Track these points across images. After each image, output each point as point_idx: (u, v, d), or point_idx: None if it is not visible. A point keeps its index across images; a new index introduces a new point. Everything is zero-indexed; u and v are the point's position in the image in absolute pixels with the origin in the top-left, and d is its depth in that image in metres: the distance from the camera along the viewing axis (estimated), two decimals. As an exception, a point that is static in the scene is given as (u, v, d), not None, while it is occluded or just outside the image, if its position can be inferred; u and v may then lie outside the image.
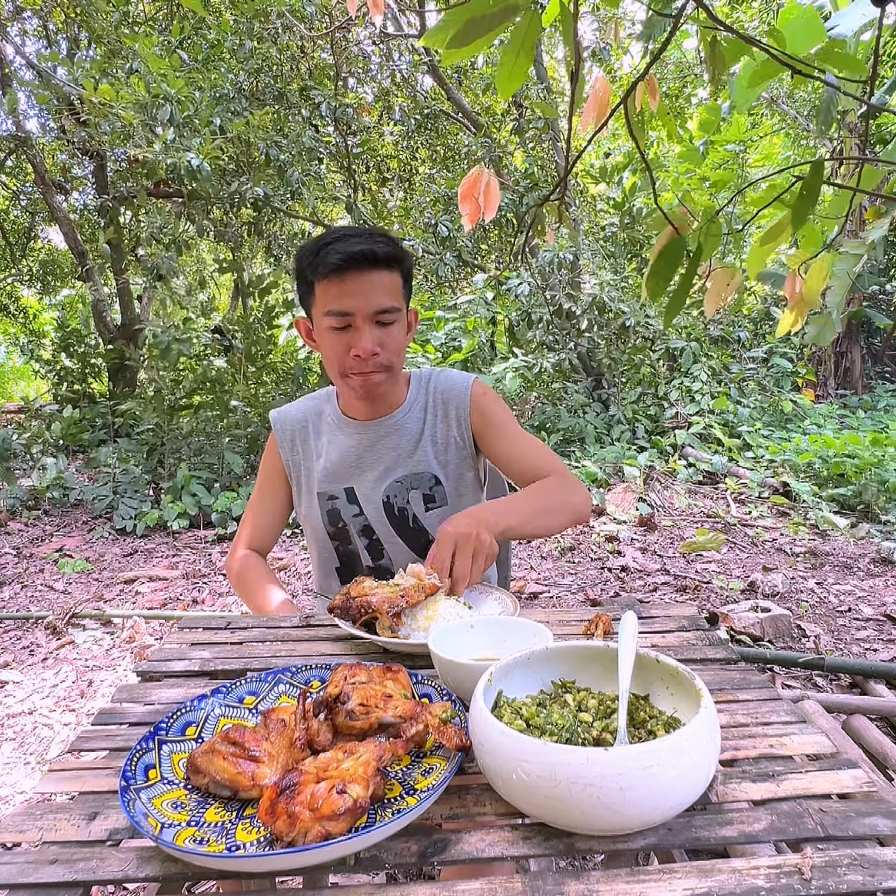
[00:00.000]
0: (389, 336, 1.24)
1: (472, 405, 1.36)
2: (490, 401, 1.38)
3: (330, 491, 1.38)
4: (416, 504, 1.36)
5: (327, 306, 1.20)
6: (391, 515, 1.36)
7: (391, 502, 1.36)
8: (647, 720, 0.69)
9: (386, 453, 1.36)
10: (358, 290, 1.19)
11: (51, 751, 2.22)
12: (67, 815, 0.65)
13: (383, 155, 8.25)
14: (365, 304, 1.19)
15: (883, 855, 0.56)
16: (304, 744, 0.69)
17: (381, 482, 1.36)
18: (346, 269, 1.17)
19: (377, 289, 1.20)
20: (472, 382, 1.39)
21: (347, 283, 1.18)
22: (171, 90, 4.43)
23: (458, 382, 1.39)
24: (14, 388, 12.45)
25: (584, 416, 6.30)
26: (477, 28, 0.99)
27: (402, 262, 1.24)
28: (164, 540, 4.60)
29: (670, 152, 8.46)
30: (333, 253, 1.17)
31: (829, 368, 8.37)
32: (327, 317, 1.21)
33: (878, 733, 1.93)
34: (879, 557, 3.70)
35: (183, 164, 4.28)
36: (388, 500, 1.36)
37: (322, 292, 1.21)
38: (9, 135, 6.40)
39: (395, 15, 6.82)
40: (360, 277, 1.18)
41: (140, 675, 0.94)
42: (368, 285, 1.19)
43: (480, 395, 1.37)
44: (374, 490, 1.36)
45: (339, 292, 1.19)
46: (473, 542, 1.02)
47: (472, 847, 0.59)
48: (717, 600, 3.16)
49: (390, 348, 1.25)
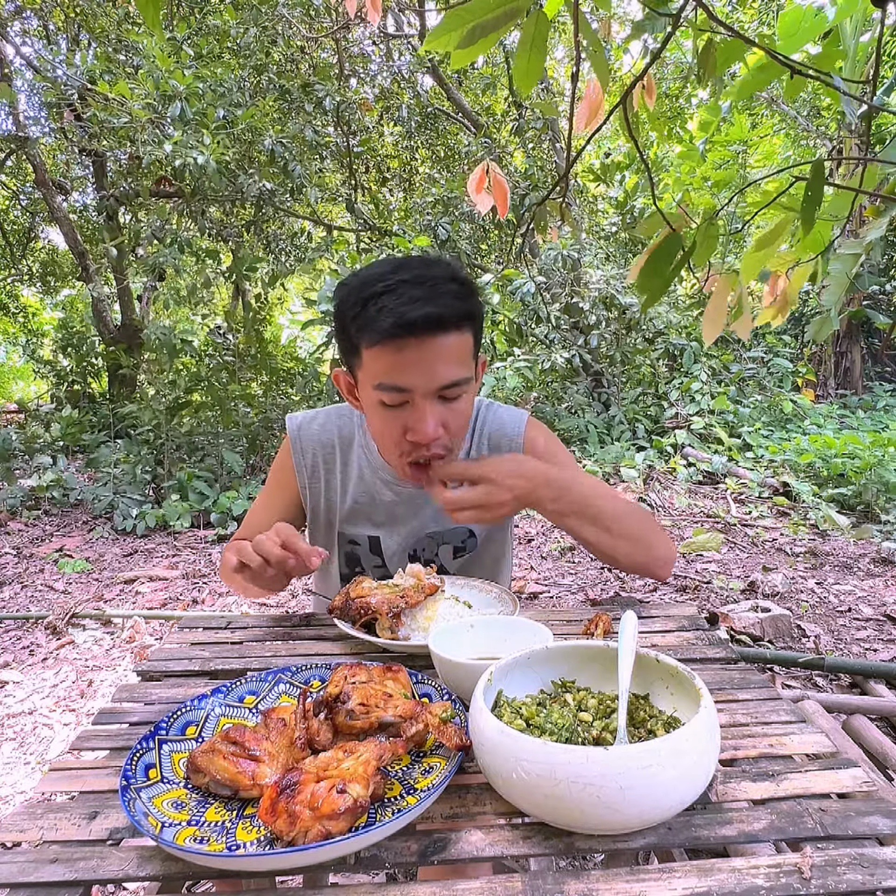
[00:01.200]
0: (456, 412, 1.00)
1: (525, 452, 1.19)
2: (546, 442, 1.21)
3: (352, 536, 1.24)
4: (445, 556, 1.23)
5: (378, 378, 0.96)
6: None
7: (418, 555, 1.23)
8: (647, 720, 0.69)
9: (423, 508, 1.20)
10: (420, 362, 0.93)
11: (51, 751, 2.22)
12: (68, 814, 0.65)
13: (383, 155, 8.25)
14: (428, 379, 0.94)
15: (882, 854, 0.56)
16: (305, 743, 0.69)
17: (412, 537, 1.22)
18: (402, 336, 0.92)
19: (445, 359, 0.95)
20: (524, 426, 1.21)
21: (406, 353, 0.93)
22: (179, 86, 4.43)
23: (509, 426, 1.20)
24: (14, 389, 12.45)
25: (584, 416, 6.31)
26: (481, 31, 0.99)
27: (475, 318, 0.99)
28: (164, 540, 4.60)
29: (670, 152, 8.46)
30: (386, 314, 0.91)
31: (829, 368, 8.37)
32: (378, 391, 0.97)
33: (878, 733, 1.93)
34: (879, 557, 3.70)
35: (189, 162, 4.27)
36: (415, 553, 1.23)
37: (371, 360, 0.96)
38: (9, 135, 6.40)
39: (395, 15, 6.82)
40: (422, 346, 0.92)
41: (140, 674, 0.94)
42: (432, 356, 0.93)
43: (535, 438, 1.20)
44: (402, 545, 1.23)
45: (394, 365, 0.94)
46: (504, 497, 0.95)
47: (473, 846, 0.59)
48: (717, 600, 3.16)
49: (455, 427, 1.01)
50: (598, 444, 6.05)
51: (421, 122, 7.21)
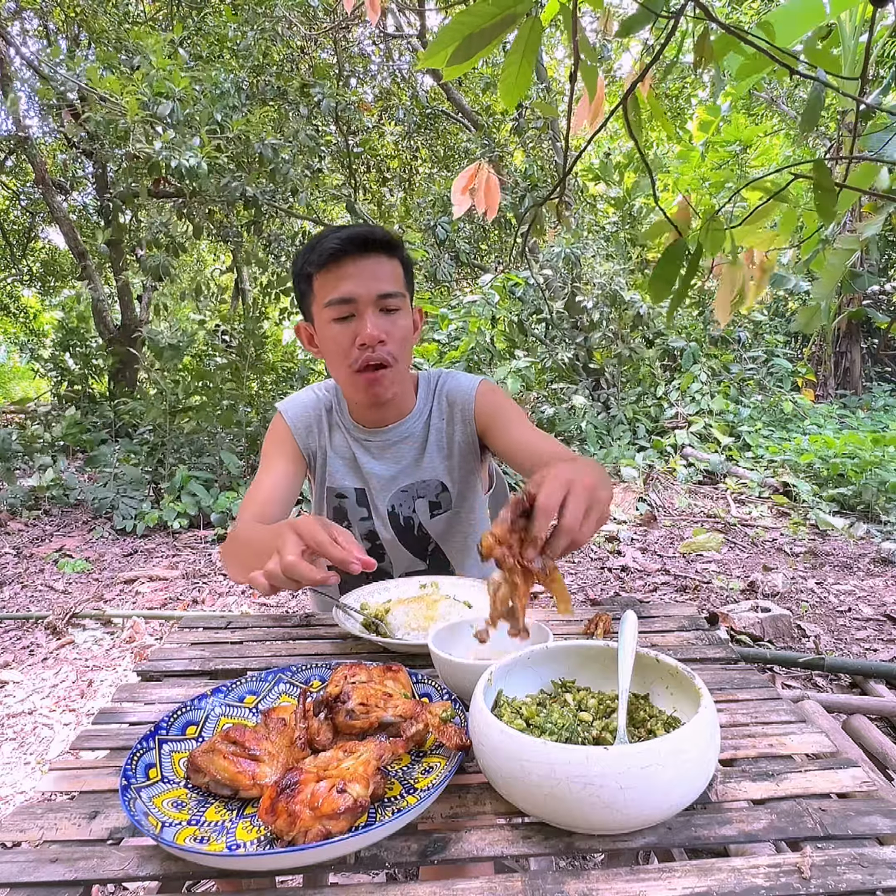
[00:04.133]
0: (395, 325, 1.18)
1: (477, 403, 1.30)
2: (497, 396, 1.31)
3: (339, 488, 1.34)
4: (422, 512, 1.32)
5: (328, 296, 1.16)
6: (396, 525, 1.33)
7: (396, 512, 1.32)
8: (647, 719, 0.69)
9: (393, 462, 1.32)
10: (358, 274, 1.14)
11: (51, 751, 2.22)
12: (68, 814, 0.65)
13: (383, 155, 8.25)
14: (366, 288, 1.15)
15: (882, 854, 0.56)
16: (305, 743, 0.69)
17: (387, 491, 1.32)
18: (343, 254, 1.14)
19: (378, 273, 1.16)
20: (478, 382, 1.33)
21: (346, 267, 1.14)
22: (175, 87, 4.43)
23: (465, 384, 1.34)
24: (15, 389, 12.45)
25: (584, 416, 6.30)
26: (478, 41, 0.99)
27: (400, 249, 1.21)
28: (164, 540, 4.60)
29: (669, 152, 8.47)
30: (329, 242, 1.15)
31: (829, 368, 8.36)
32: (328, 308, 1.17)
33: (878, 733, 1.93)
34: (879, 557, 3.70)
35: (181, 162, 4.27)
36: (394, 509, 1.32)
37: (321, 285, 1.17)
38: (9, 135, 6.40)
39: (394, 15, 6.82)
40: (358, 262, 1.15)
41: (140, 674, 0.94)
42: (368, 270, 1.15)
43: (487, 392, 1.32)
44: (380, 499, 1.32)
45: (338, 279, 1.15)
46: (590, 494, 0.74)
47: (473, 846, 0.59)
48: (717, 600, 3.16)
49: (396, 338, 1.19)
50: (598, 445, 6.05)
51: (421, 122, 7.21)
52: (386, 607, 1.06)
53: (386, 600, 1.10)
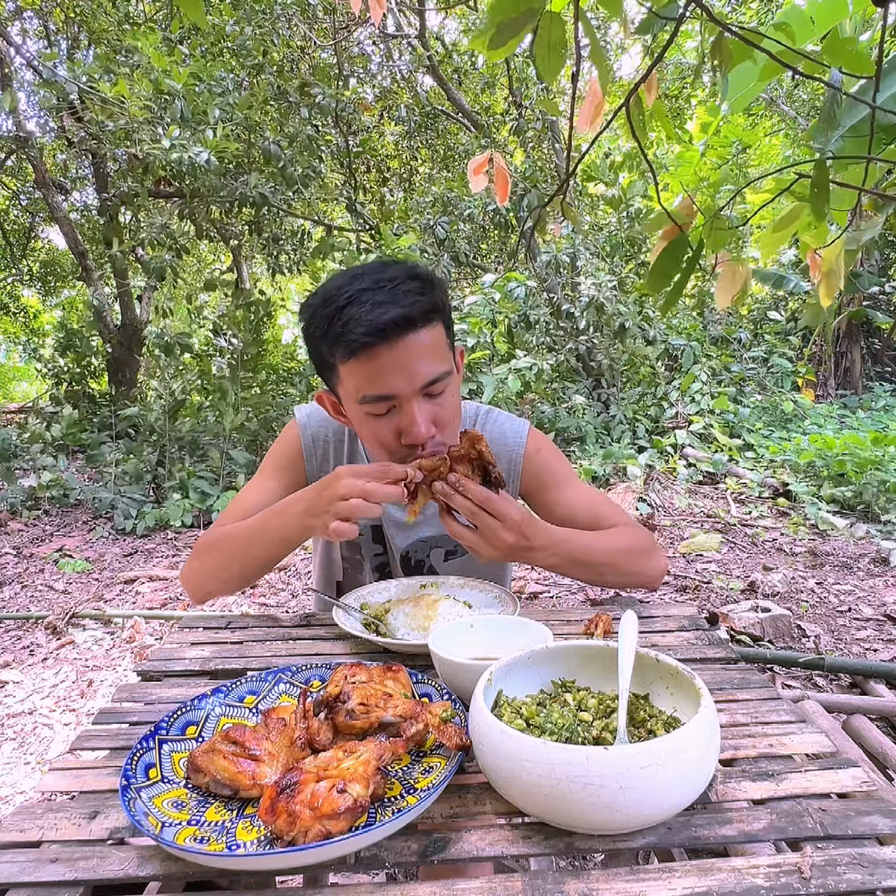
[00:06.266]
0: (444, 406, 0.99)
1: (525, 467, 1.18)
2: (546, 459, 1.20)
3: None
4: (436, 556, 1.26)
5: (360, 392, 0.95)
6: (406, 566, 1.27)
7: (409, 556, 1.25)
8: (647, 719, 0.69)
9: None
10: (397, 365, 0.92)
11: (51, 751, 2.22)
12: (68, 814, 0.65)
13: (383, 154, 8.25)
14: (409, 381, 0.93)
15: (882, 854, 0.56)
16: (305, 743, 0.69)
17: (405, 539, 1.24)
18: (374, 344, 0.91)
19: (420, 355, 0.93)
20: (525, 437, 1.20)
21: (381, 358, 0.92)
22: (177, 85, 4.43)
23: (510, 434, 1.19)
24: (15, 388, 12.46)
25: (584, 416, 6.30)
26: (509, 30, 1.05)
27: (441, 309, 0.97)
28: (165, 540, 4.60)
29: (669, 152, 8.46)
30: (354, 325, 0.90)
31: (829, 368, 8.37)
32: (363, 404, 0.96)
33: (878, 733, 1.93)
34: (879, 557, 3.70)
35: (189, 159, 4.27)
36: (408, 554, 1.25)
37: (349, 374, 0.95)
38: (9, 135, 6.40)
39: (394, 15, 6.82)
40: (395, 349, 0.91)
41: (140, 674, 0.94)
42: (408, 357, 0.92)
43: (535, 454, 1.19)
44: (395, 544, 1.25)
45: (372, 375, 0.93)
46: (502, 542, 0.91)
47: (473, 846, 0.59)
48: (717, 600, 3.16)
49: (447, 422, 0.99)
50: (598, 445, 6.05)
51: (421, 122, 7.21)
52: (386, 607, 1.06)
53: (386, 600, 1.11)
